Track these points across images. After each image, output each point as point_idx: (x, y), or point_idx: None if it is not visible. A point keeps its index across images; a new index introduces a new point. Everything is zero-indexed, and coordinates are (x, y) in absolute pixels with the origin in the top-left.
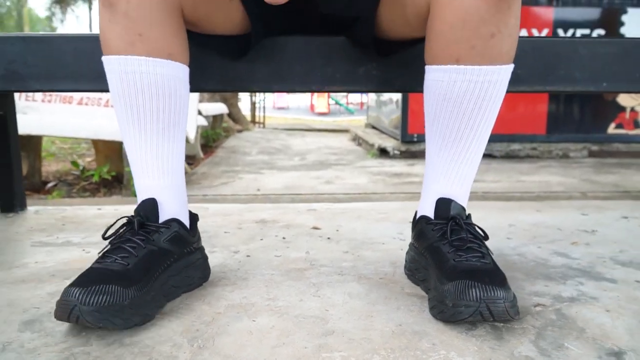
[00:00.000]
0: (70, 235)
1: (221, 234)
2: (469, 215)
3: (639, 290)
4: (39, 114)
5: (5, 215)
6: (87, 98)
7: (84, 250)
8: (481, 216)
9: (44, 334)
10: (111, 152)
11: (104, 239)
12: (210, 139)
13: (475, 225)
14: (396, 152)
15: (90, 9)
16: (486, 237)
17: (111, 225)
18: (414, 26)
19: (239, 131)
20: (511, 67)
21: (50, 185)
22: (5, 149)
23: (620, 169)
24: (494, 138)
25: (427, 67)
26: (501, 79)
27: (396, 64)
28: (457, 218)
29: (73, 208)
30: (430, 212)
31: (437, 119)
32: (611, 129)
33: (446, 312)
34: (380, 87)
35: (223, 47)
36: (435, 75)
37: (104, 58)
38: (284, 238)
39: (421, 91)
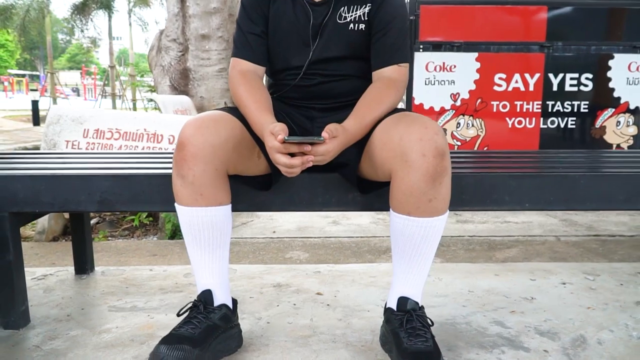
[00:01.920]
0: (135, 300)
1: (247, 300)
2: (422, 307)
3: (543, 359)
4: None
5: (79, 277)
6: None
7: (149, 315)
8: (449, 281)
9: None
10: None
11: (178, 315)
12: None
13: (427, 317)
14: None
15: (110, 18)
16: (432, 324)
17: (183, 307)
18: (382, 178)
19: None
20: (446, 215)
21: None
22: (82, 229)
23: None
24: None
25: (390, 211)
26: (438, 224)
27: (374, 193)
28: (411, 312)
29: (130, 269)
30: (394, 305)
31: (397, 244)
32: None
33: None
34: (363, 209)
35: (252, 183)
36: (395, 219)
37: (176, 206)
38: (294, 305)
39: None
